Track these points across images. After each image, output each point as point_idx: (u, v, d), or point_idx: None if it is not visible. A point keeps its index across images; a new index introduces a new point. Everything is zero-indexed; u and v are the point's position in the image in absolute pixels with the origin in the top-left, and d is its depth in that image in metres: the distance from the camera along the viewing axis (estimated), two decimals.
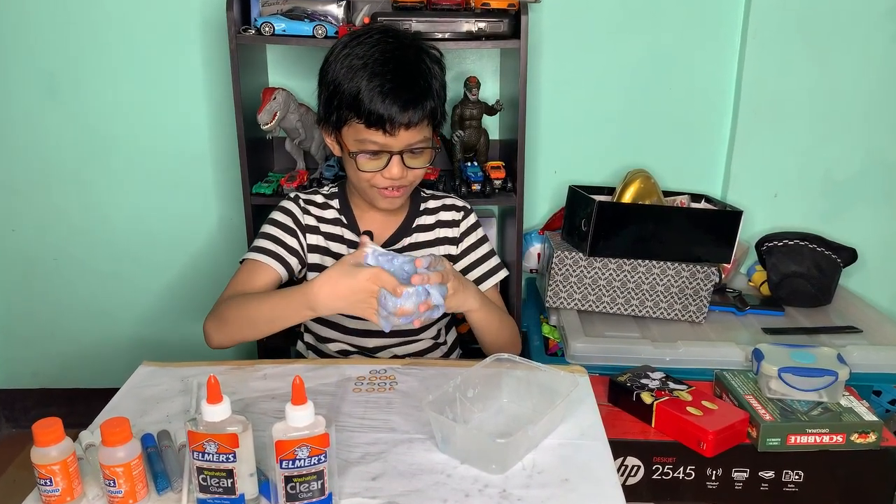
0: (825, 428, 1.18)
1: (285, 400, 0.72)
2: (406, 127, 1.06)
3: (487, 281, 1.26)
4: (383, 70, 1.05)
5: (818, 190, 1.90)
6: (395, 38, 1.10)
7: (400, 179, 1.11)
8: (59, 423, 0.72)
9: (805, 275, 1.70)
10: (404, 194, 1.16)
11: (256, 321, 1.05)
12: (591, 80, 1.87)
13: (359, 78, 1.05)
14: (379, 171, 1.10)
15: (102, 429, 0.71)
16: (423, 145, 1.11)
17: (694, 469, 1.22)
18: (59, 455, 0.71)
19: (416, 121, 1.07)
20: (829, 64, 1.80)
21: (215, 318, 1.10)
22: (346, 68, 1.07)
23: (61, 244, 1.97)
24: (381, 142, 1.07)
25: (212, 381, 0.71)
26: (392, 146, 1.08)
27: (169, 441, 0.85)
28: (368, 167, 1.10)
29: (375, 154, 1.09)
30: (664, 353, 1.48)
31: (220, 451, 0.70)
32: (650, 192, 1.65)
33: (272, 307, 1.04)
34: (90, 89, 1.84)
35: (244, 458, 0.72)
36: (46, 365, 2.07)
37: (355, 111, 1.06)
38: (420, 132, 1.09)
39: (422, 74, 1.08)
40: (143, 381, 1.04)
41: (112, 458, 0.71)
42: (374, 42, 1.07)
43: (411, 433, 0.90)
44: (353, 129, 1.09)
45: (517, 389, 0.99)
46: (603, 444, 0.89)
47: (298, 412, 0.72)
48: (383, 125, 1.05)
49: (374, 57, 1.06)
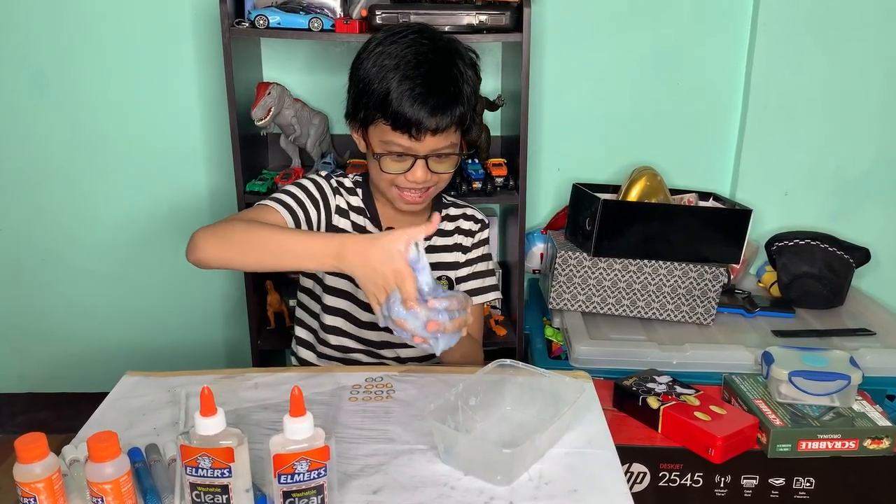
0: (837, 433, 1.18)
1: (278, 410, 0.71)
2: (433, 132, 1.07)
3: (480, 297, 1.27)
4: (415, 73, 1.05)
5: (830, 188, 1.89)
6: (431, 39, 1.10)
7: (423, 183, 1.11)
8: (42, 438, 0.71)
9: (816, 275, 1.70)
10: (426, 199, 1.16)
11: (266, 247, 0.97)
12: (595, 75, 1.86)
13: (389, 79, 1.05)
14: (402, 173, 1.10)
15: (89, 444, 0.70)
16: (449, 151, 1.11)
17: (702, 476, 1.22)
18: (43, 472, 0.70)
19: (443, 127, 1.07)
20: (840, 58, 1.80)
21: (214, 233, 1.00)
22: (377, 67, 1.07)
23: (49, 244, 1.96)
24: (406, 145, 1.08)
25: (205, 393, 0.71)
26: (417, 150, 1.08)
27: (158, 455, 0.84)
28: (392, 169, 1.10)
29: (400, 156, 1.09)
30: (671, 356, 1.48)
31: (215, 465, 0.70)
32: (656, 190, 1.65)
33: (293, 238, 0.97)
34: (80, 85, 1.83)
35: (240, 473, 0.71)
36: (33, 368, 2.07)
37: (383, 112, 1.06)
38: (447, 138, 1.09)
39: (453, 79, 1.08)
40: (128, 392, 1.02)
41: (100, 475, 0.70)
42: (408, 42, 1.07)
43: (411, 443, 0.90)
44: (379, 130, 1.09)
45: (520, 396, 0.98)
46: (611, 453, 0.89)
47: (297, 424, 0.71)
48: (410, 129, 1.06)
49: (407, 59, 1.06)
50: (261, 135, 1.76)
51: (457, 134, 1.12)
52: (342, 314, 1.23)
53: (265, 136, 1.80)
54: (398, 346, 1.25)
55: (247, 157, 1.64)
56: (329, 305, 1.22)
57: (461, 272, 1.27)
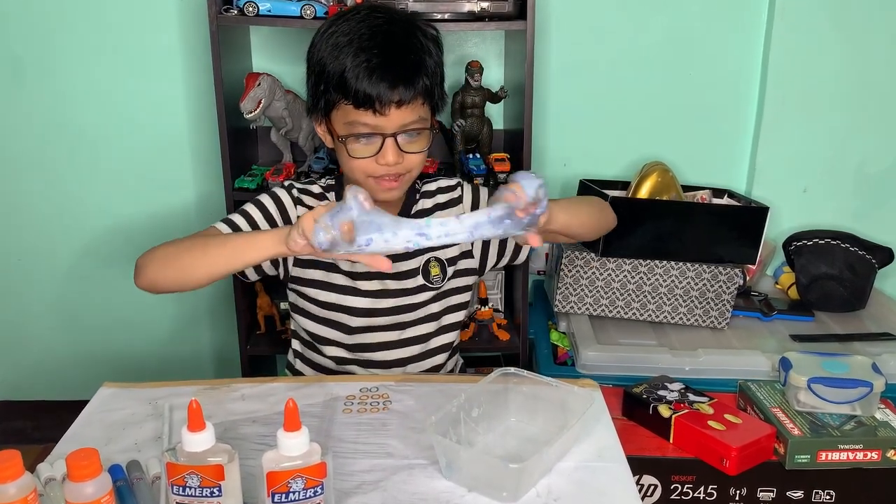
0: (859, 444, 1.18)
1: (267, 423, 0.71)
2: (397, 105, 1.05)
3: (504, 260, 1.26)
4: (370, 45, 1.04)
5: (851, 184, 1.89)
6: (386, 12, 1.10)
7: (396, 166, 1.09)
8: (17, 456, 0.70)
9: (837, 277, 1.70)
10: (403, 184, 1.13)
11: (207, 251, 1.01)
12: (603, 65, 1.86)
13: (344, 55, 1.05)
14: (372, 156, 1.08)
15: (69, 462, 0.70)
16: (419, 126, 1.09)
17: (716, 489, 1.22)
18: (18, 492, 0.69)
19: (407, 98, 1.06)
20: (862, 47, 1.79)
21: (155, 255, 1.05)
22: (330, 47, 1.06)
23: (26, 242, 1.95)
24: (371, 123, 1.06)
25: (193, 406, 0.70)
26: (384, 128, 1.07)
27: (140, 472, 0.83)
28: (361, 153, 1.09)
29: (367, 138, 1.08)
30: (683, 362, 1.48)
31: (204, 484, 0.69)
32: (668, 186, 1.65)
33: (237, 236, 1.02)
34: (59, 74, 1.83)
35: (230, 492, 0.71)
36: (10, 374, 2.06)
37: (342, 92, 1.06)
38: (414, 111, 1.08)
39: (412, 49, 1.07)
40: (106, 405, 1.01)
41: (79, 495, 0.69)
42: (360, 18, 1.07)
43: (411, 458, 0.89)
44: (342, 112, 1.08)
45: (525, 407, 0.98)
46: (622, 466, 0.89)
47: (292, 440, 0.71)
48: (372, 104, 1.04)
49: (361, 32, 1.05)
50: (250, 128, 1.75)
51: (425, 108, 1.10)
52: (333, 325, 1.21)
53: (255, 130, 1.80)
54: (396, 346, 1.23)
55: (235, 151, 1.63)
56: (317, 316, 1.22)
57: (469, 246, 1.24)
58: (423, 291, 1.20)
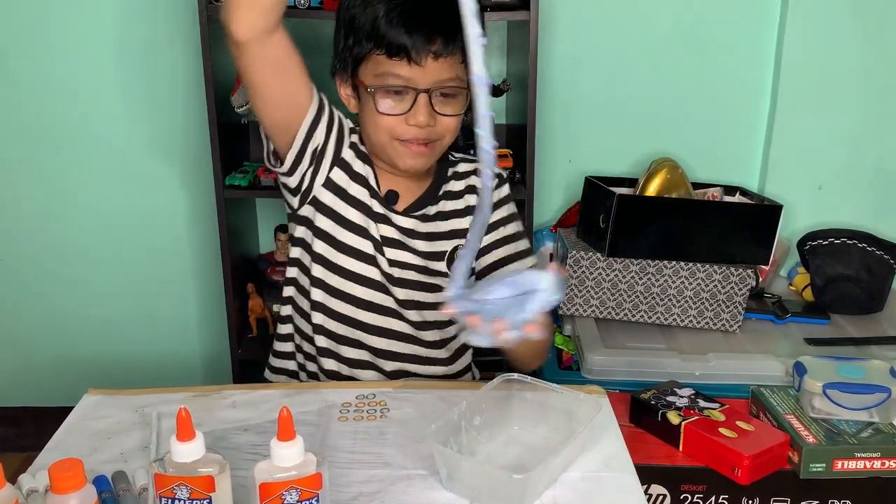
0: (877, 452, 1.18)
1: (260, 432, 0.70)
2: (434, 56, 1.01)
3: (514, 264, 1.19)
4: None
5: (868, 181, 1.89)
6: None
7: (426, 129, 1.04)
8: None
9: (853, 278, 1.69)
10: (433, 152, 1.08)
11: None
12: (610, 57, 1.86)
13: (377, 3, 1.01)
14: (402, 114, 1.04)
15: (51, 473, 0.69)
16: (456, 85, 1.04)
17: (727, 498, 1.22)
18: None
19: (445, 52, 1.01)
20: (881, 37, 1.79)
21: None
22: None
23: (8, 242, 1.96)
24: (405, 75, 1.02)
25: (182, 415, 0.70)
26: (418, 82, 1.02)
27: (127, 484, 0.83)
28: (390, 109, 1.04)
29: (398, 93, 1.03)
30: (693, 366, 1.48)
31: (194, 496, 0.69)
32: (677, 183, 1.64)
33: None
34: (42, 68, 1.83)
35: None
36: None
37: (375, 41, 1.01)
38: (452, 68, 1.03)
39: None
40: (91, 413, 1.01)
41: None
42: None
43: (409, 468, 0.89)
44: (372, 64, 1.03)
45: (529, 414, 0.98)
46: (631, 476, 0.88)
47: (286, 450, 0.70)
48: (408, 52, 1.00)
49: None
50: (242, 123, 1.76)
51: (462, 67, 1.04)
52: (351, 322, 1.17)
53: (246, 125, 1.80)
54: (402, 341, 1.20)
55: (226, 147, 1.64)
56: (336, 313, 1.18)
57: (484, 240, 1.17)
58: None
